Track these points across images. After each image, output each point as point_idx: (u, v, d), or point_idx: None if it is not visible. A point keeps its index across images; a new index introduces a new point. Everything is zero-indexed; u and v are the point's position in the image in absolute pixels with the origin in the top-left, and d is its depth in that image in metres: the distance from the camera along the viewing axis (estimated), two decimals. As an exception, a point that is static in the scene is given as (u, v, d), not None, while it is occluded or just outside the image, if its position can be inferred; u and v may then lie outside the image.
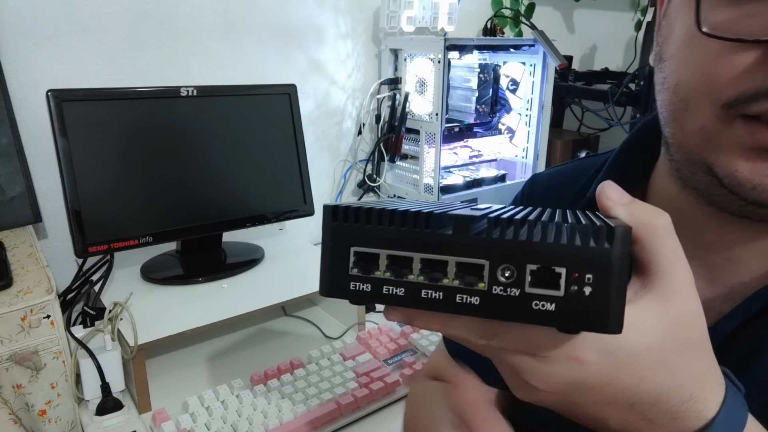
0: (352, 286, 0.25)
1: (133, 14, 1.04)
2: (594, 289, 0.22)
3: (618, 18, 2.01)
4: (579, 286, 0.22)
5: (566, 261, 0.22)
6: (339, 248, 0.25)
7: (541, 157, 1.47)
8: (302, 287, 0.92)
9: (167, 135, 0.95)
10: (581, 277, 0.22)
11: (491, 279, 0.23)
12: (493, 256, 0.23)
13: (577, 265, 0.22)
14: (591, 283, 0.22)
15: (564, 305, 0.23)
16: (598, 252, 0.22)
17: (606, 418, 0.28)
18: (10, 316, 0.70)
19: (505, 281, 0.23)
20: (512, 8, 1.59)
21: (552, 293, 0.23)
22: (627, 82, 1.49)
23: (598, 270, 0.22)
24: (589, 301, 0.22)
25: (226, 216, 1.01)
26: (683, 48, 0.36)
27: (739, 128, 0.33)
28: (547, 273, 0.23)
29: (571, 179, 0.54)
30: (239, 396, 0.79)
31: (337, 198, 1.41)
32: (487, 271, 0.23)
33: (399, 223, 0.25)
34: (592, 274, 0.22)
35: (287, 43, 1.24)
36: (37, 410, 0.74)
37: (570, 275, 0.22)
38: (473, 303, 0.24)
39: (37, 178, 0.96)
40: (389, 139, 1.34)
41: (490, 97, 1.37)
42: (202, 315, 0.82)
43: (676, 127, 0.38)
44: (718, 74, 0.33)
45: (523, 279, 0.23)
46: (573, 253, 0.22)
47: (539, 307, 0.23)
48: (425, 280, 0.24)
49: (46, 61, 0.97)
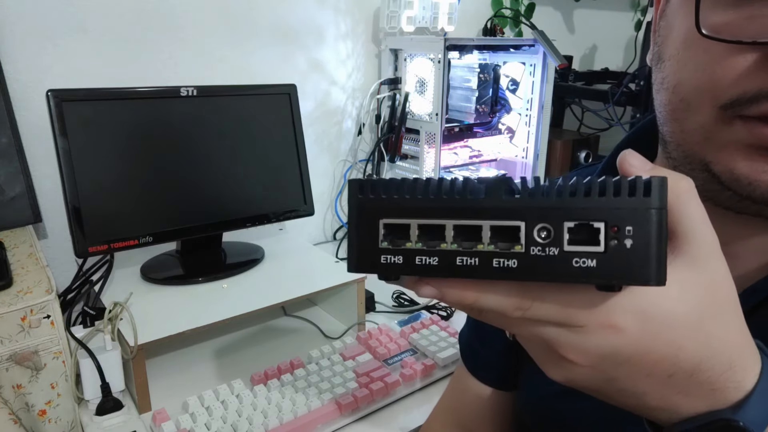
0: (383, 260, 0.25)
1: (133, 14, 1.04)
2: (635, 241, 0.22)
3: (618, 18, 2.01)
4: (619, 240, 0.22)
5: (604, 215, 0.22)
6: (367, 222, 0.25)
7: (541, 157, 1.47)
8: (302, 287, 0.92)
9: (167, 135, 0.95)
10: (621, 231, 0.22)
11: (528, 240, 0.23)
12: (528, 216, 0.23)
13: (616, 219, 0.22)
14: (631, 235, 0.22)
15: (605, 260, 0.22)
16: (638, 203, 0.22)
17: (643, 393, 0.27)
18: (10, 316, 0.70)
19: (542, 241, 0.23)
20: (512, 8, 1.59)
21: (592, 249, 0.22)
22: (627, 82, 1.49)
23: (639, 221, 0.22)
24: (631, 253, 0.22)
25: (226, 216, 1.01)
26: (683, 49, 0.36)
27: (738, 127, 0.34)
28: (586, 229, 0.22)
29: None
30: (239, 396, 0.79)
31: (337, 198, 1.41)
32: (523, 232, 0.23)
33: (428, 191, 0.24)
34: (633, 226, 0.22)
35: (287, 43, 1.24)
36: (37, 410, 0.74)
37: (609, 229, 0.22)
38: (511, 266, 0.23)
39: (37, 178, 0.96)
40: (389, 139, 1.34)
41: (490, 97, 1.37)
42: (202, 315, 0.82)
43: (675, 126, 0.38)
44: (718, 76, 0.33)
45: (561, 237, 0.22)
46: (611, 207, 0.22)
47: (580, 264, 0.22)
48: (459, 247, 0.24)
49: (46, 61, 0.97)
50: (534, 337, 0.28)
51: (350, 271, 0.26)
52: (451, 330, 0.95)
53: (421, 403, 0.82)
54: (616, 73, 1.79)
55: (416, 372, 0.85)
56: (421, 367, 0.85)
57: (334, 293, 1.01)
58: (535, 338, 0.28)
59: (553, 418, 0.51)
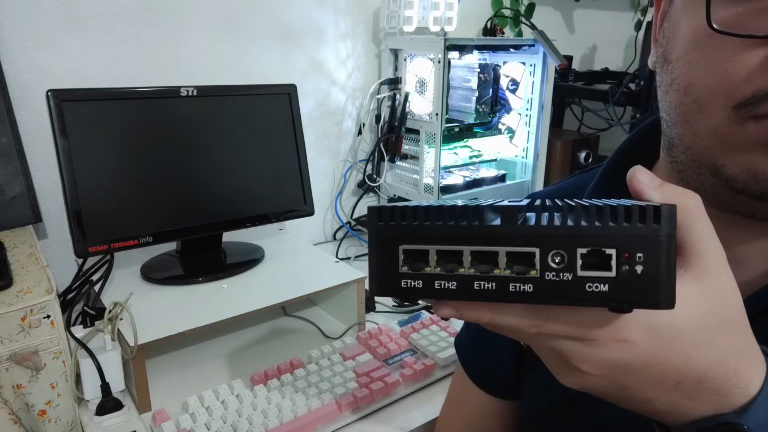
0: (403, 284, 0.26)
1: (133, 14, 1.04)
2: (645, 267, 0.23)
3: (618, 18, 2.01)
4: (630, 266, 0.23)
5: (616, 242, 0.23)
6: (387, 248, 0.26)
7: (541, 157, 1.47)
8: (302, 287, 0.92)
9: (167, 135, 0.95)
10: (632, 257, 0.23)
11: (543, 265, 0.24)
12: (542, 243, 0.24)
13: (627, 246, 0.23)
14: (642, 261, 0.23)
15: (617, 285, 0.23)
16: (647, 231, 0.23)
17: (652, 399, 0.28)
18: (10, 316, 0.70)
19: (556, 266, 0.24)
20: (512, 8, 1.59)
21: (604, 274, 0.23)
22: (627, 82, 1.49)
23: (649, 249, 0.23)
24: (642, 279, 0.23)
25: (226, 216, 1.01)
26: (691, 49, 0.35)
27: (752, 128, 0.33)
28: (598, 255, 0.23)
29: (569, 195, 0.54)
30: (239, 396, 0.79)
31: (337, 198, 1.41)
32: (538, 258, 0.24)
33: (446, 218, 0.25)
34: (643, 253, 0.23)
35: (287, 43, 1.24)
36: (37, 410, 0.74)
37: (620, 256, 0.23)
38: (527, 290, 0.24)
39: (37, 178, 0.96)
40: (389, 139, 1.34)
41: (490, 97, 1.37)
42: (202, 315, 0.82)
43: (686, 129, 0.37)
44: (731, 73, 0.33)
45: (575, 263, 0.23)
46: (622, 234, 0.23)
47: (593, 289, 0.23)
48: (477, 272, 0.25)
49: (46, 61, 0.97)
50: (548, 349, 0.29)
51: (373, 294, 0.27)
52: (451, 330, 0.95)
53: (421, 403, 0.82)
54: (616, 73, 1.79)
55: (416, 372, 0.85)
56: (421, 367, 0.85)
57: (334, 293, 1.01)
58: (548, 350, 0.29)
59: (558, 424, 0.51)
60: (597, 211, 0.23)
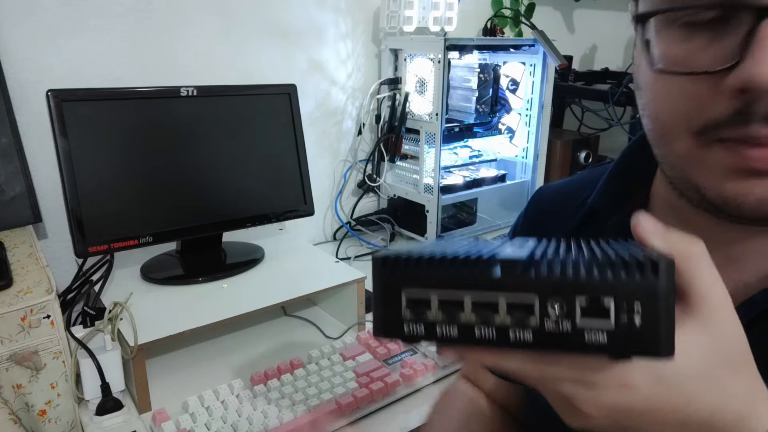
0: (406, 329, 0.26)
1: (133, 14, 1.04)
2: (644, 318, 0.23)
3: (618, 18, 2.01)
4: (629, 317, 0.23)
5: (615, 293, 0.23)
6: (391, 294, 0.26)
7: (541, 157, 1.47)
8: (302, 287, 0.92)
9: (167, 135, 0.95)
10: (630, 308, 0.23)
11: (543, 315, 0.24)
12: (542, 293, 0.24)
13: (625, 297, 0.23)
14: (640, 312, 0.23)
15: (616, 335, 0.23)
16: (646, 284, 0.23)
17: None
18: (10, 316, 0.70)
19: (556, 315, 0.24)
20: (512, 8, 1.59)
21: (603, 324, 0.23)
22: (627, 82, 1.49)
23: (647, 301, 0.23)
24: (641, 329, 0.23)
25: (226, 216, 1.01)
26: (651, 82, 0.37)
27: (718, 151, 0.34)
28: (597, 305, 0.23)
29: (578, 190, 0.55)
30: (239, 396, 0.79)
31: (337, 198, 1.41)
32: (537, 308, 0.24)
33: (448, 266, 0.25)
34: (641, 304, 0.23)
35: (287, 43, 1.24)
36: (37, 410, 0.74)
37: (619, 306, 0.23)
38: (527, 338, 0.24)
39: (37, 178, 0.96)
40: (389, 139, 1.34)
41: (490, 97, 1.37)
42: (202, 315, 0.82)
43: (665, 150, 0.39)
44: (683, 106, 0.35)
45: (574, 312, 0.24)
46: (621, 286, 0.23)
47: (591, 338, 0.24)
48: (478, 320, 0.25)
49: (46, 61, 0.97)
50: (552, 391, 0.29)
51: (376, 335, 0.27)
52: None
53: (421, 403, 0.82)
54: (616, 73, 1.79)
55: (416, 372, 0.85)
56: (421, 367, 0.85)
57: (334, 293, 1.01)
58: (553, 392, 0.29)
59: None
60: (596, 262, 0.24)
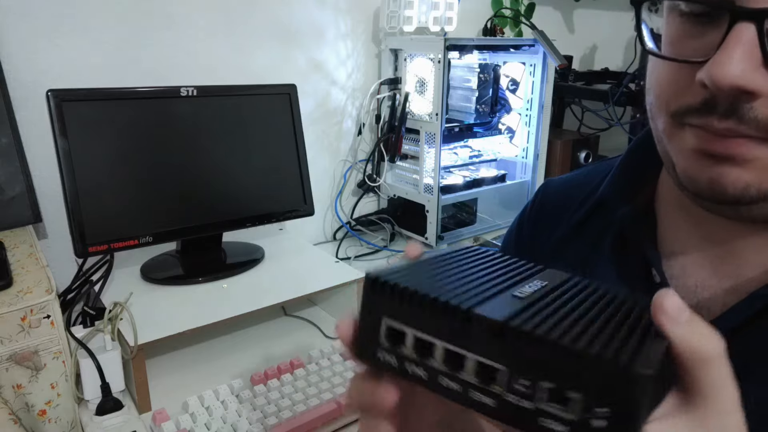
0: (379, 355, 0.26)
1: (133, 14, 1.04)
2: (609, 425, 0.21)
3: (618, 18, 2.01)
4: (594, 417, 0.21)
5: (584, 388, 0.21)
6: (373, 317, 0.26)
7: (541, 157, 1.47)
8: (302, 287, 0.92)
9: (167, 135, 0.95)
10: (597, 409, 0.21)
11: (508, 386, 0.23)
12: (512, 364, 0.23)
13: (595, 396, 0.21)
14: (607, 417, 0.21)
15: (576, 429, 0.22)
16: (620, 390, 0.21)
17: None
18: (10, 316, 0.70)
19: (521, 391, 0.23)
20: (512, 8, 1.59)
21: (565, 415, 0.22)
22: (627, 82, 1.49)
23: (617, 408, 0.21)
24: None
25: (226, 216, 1.01)
26: (649, 61, 0.40)
27: (686, 133, 0.37)
28: (563, 395, 0.22)
29: (584, 183, 0.55)
30: (239, 396, 0.79)
31: (337, 198, 1.41)
32: (504, 377, 0.23)
33: (429, 308, 0.24)
34: (610, 409, 0.21)
35: (287, 43, 1.24)
36: (37, 410, 0.74)
37: (587, 403, 0.21)
38: (487, 403, 0.23)
39: (37, 178, 0.96)
40: (389, 139, 1.34)
41: (490, 97, 1.37)
42: (202, 315, 0.82)
43: (653, 125, 0.41)
44: (665, 88, 0.37)
45: (537, 394, 0.22)
46: (593, 383, 0.21)
47: (549, 426, 0.22)
48: (446, 369, 0.24)
49: (46, 61, 0.97)
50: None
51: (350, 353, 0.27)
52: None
53: (421, 403, 0.82)
54: (616, 73, 1.79)
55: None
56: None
57: (334, 293, 1.01)
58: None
59: None
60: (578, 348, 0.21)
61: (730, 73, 0.31)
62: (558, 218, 0.55)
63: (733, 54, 0.31)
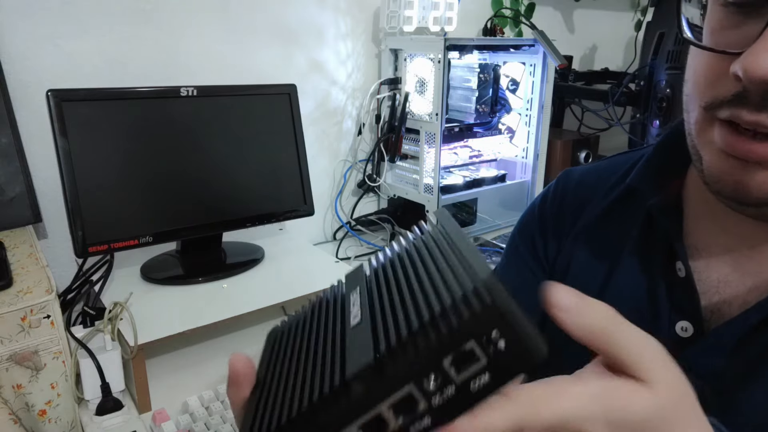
0: None
1: (133, 14, 1.04)
2: (505, 339, 0.22)
3: (618, 18, 2.01)
4: (494, 345, 0.22)
5: (469, 337, 0.22)
6: None
7: (541, 157, 1.47)
8: (302, 287, 0.92)
9: (167, 135, 0.95)
10: (489, 339, 0.22)
11: (425, 396, 0.23)
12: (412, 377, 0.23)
13: (479, 335, 0.22)
14: (500, 336, 0.22)
15: (494, 368, 0.22)
16: (487, 312, 0.22)
17: None
18: (10, 316, 0.70)
19: (436, 387, 0.23)
20: (512, 8, 1.59)
21: (477, 365, 0.22)
22: (627, 82, 1.49)
23: (497, 324, 0.22)
24: (509, 350, 0.22)
25: (226, 216, 1.01)
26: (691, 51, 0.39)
27: (715, 130, 0.36)
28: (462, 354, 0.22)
29: (608, 173, 0.54)
30: (239, 396, 0.79)
31: (337, 198, 1.41)
32: (417, 392, 0.23)
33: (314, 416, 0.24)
34: (496, 329, 0.22)
35: (287, 43, 1.24)
36: (37, 410, 0.74)
37: (479, 343, 0.22)
38: (427, 426, 0.23)
39: (37, 178, 0.96)
40: (389, 139, 1.34)
41: (490, 97, 1.37)
42: (202, 315, 0.82)
43: (686, 117, 0.41)
44: (699, 79, 0.37)
45: (449, 376, 0.22)
46: (469, 327, 0.22)
47: (479, 384, 0.23)
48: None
49: (46, 61, 0.97)
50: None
51: None
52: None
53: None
54: (616, 73, 1.79)
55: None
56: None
57: (334, 293, 1.01)
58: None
59: None
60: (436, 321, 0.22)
61: (765, 66, 0.30)
62: (581, 207, 0.55)
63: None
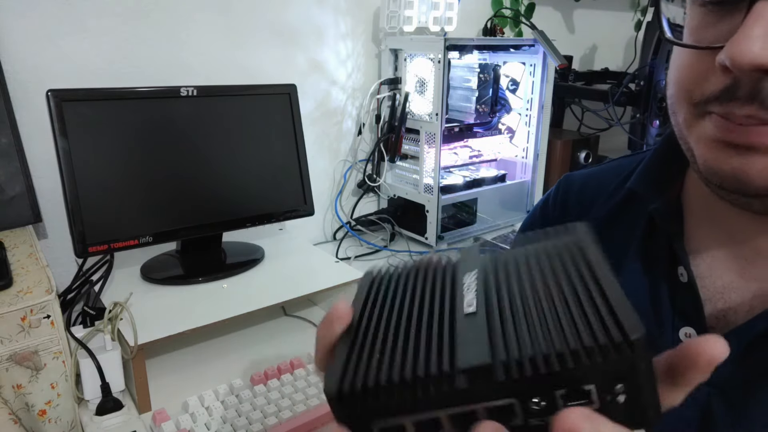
0: None
1: (133, 14, 1.04)
2: (628, 395, 0.22)
3: (618, 18, 2.01)
4: (612, 396, 0.22)
5: (593, 379, 0.22)
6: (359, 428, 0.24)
7: (541, 157, 1.47)
8: (302, 287, 0.92)
9: (167, 135, 0.95)
10: (612, 389, 0.22)
11: (525, 413, 0.23)
12: (519, 393, 0.22)
13: (605, 381, 0.22)
14: (623, 391, 0.22)
15: (603, 413, 0.22)
16: (623, 363, 0.21)
17: None
18: (10, 316, 0.70)
19: (538, 410, 0.22)
20: (512, 8, 1.59)
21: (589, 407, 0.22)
22: (627, 82, 1.49)
23: (628, 378, 0.22)
24: (626, 405, 0.22)
25: (226, 216, 1.01)
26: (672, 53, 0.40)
27: (707, 123, 0.36)
28: (578, 392, 0.22)
29: (609, 177, 0.54)
30: (239, 396, 0.79)
31: (337, 198, 1.41)
32: (518, 408, 0.23)
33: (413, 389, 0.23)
34: (623, 383, 0.22)
35: (287, 43, 1.24)
36: (37, 410, 0.74)
37: (600, 389, 0.22)
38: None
39: (37, 178, 0.96)
40: (389, 139, 1.34)
41: (490, 97, 1.37)
42: (202, 315, 0.82)
43: (674, 120, 0.40)
44: (686, 78, 0.37)
45: (556, 403, 0.22)
46: (599, 369, 0.21)
47: None
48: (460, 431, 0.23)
49: (46, 61, 0.97)
50: None
51: None
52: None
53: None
54: (616, 73, 1.79)
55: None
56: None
57: (334, 293, 1.01)
58: None
59: None
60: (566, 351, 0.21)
61: (750, 51, 0.30)
62: (585, 211, 0.55)
63: (753, 32, 0.30)
